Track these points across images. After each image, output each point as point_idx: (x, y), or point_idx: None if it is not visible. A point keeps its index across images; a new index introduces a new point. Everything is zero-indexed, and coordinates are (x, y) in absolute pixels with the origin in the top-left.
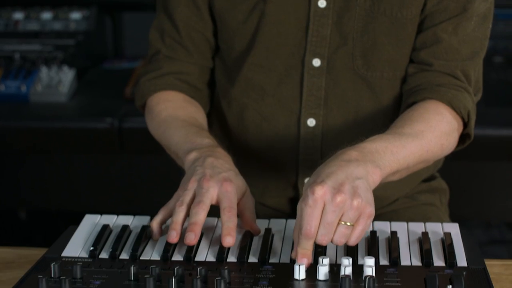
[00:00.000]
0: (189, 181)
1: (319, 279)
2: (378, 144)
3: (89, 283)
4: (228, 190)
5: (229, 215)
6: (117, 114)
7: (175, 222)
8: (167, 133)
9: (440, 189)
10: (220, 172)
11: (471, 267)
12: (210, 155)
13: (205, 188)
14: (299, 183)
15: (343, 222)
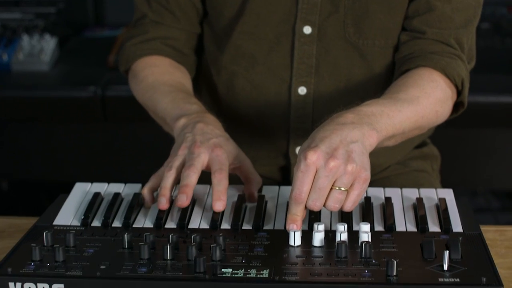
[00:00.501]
0: (179, 148)
1: (315, 245)
2: (374, 108)
3: (82, 251)
4: (218, 155)
5: (219, 178)
6: (100, 83)
7: (164, 188)
8: (154, 98)
9: (431, 156)
10: (210, 138)
11: (467, 232)
12: (200, 121)
13: (196, 153)
14: (290, 152)
15: (337, 188)
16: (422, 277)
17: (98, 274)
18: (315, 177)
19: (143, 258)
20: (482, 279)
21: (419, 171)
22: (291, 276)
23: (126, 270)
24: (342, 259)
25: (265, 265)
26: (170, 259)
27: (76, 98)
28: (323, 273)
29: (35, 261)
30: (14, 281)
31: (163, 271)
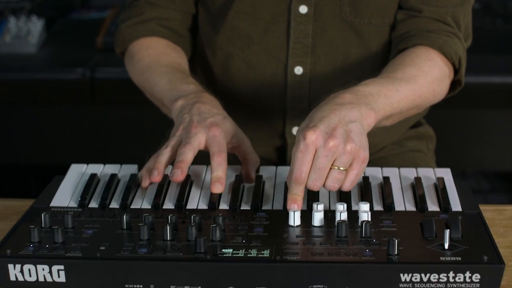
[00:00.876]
0: (177, 129)
1: (314, 225)
2: (371, 87)
3: (81, 232)
4: (215, 135)
5: (218, 161)
6: (89, 65)
7: (158, 162)
8: (151, 79)
9: (427, 136)
10: (207, 118)
11: (466, 211)
12: (197, 101)
13: (192, 133)
14: (286, 132)
15: (336, 167)
16: (423, 256)
17: (98, 255)
18: (315, 157)
19: (142, 239)
20: (483, 257)
21: (415, 151)
22: (292, 255)
23: (126, 251)
24: (342, 238)
25: (266, 245)
26: (169, 240)
27: (64, 80)
28: (324, 253)
29: (34, 243)
30: (13, 263)
31: (163, 251)
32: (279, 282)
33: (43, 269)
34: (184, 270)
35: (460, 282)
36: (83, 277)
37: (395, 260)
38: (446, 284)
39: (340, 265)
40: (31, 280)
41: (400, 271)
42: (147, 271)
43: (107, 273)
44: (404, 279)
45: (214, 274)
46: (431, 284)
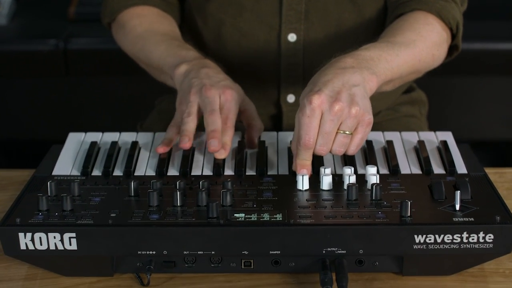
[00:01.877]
0: (190, 94)
1: (323, 189)
2: (372, 52)
3: (88, 200)
4: (228, 99)
5: (225, 128)
6: (61, 36)
7: (187, 130)
8: (146, 48)
9: (419, 101)
10: (218, 81)
11: (472, 174)
12: (203, 66)
13: (211, 97)
14: (281, 100)
15: (341, 131)
16: (435, 217)
17: (110, 222)
18: (321, 122)
19: (152, 206)
20: (496, 217)
21: (408, 116)
22: (306, 219)
23: (137, 218)
24: (353, 201)
25: (277, 209)
26: (180, 206)
27: (37, 51)
28: (337, 216)
29: (42, 211)
30: (24, 231)
31: (175, 217)
32: (293, 245)
33: (54, 237)
34: (197, 236)
35: (474, 242)
36: (94, 245)
37: (408, 221)
38: (459, 244)
39: (354, 228)
40: (42, 248)
41: (415, 233)
42: (160, 237)
43: (119, 240)
44: (418, 240)
45: (227, 238)
46: (445, 245)
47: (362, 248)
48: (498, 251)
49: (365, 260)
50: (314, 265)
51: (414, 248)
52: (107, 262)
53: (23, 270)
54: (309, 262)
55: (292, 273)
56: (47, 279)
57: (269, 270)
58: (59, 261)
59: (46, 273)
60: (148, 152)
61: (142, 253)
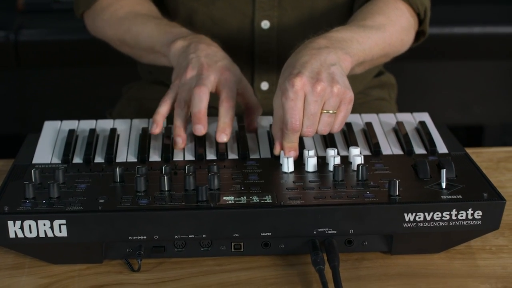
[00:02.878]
0: (186, 71)
1: (308, 170)
2: (344, 34)
3: (74, 187)
4: (228, 79)
5: (227, 107)
6: (11, 27)
7: (178, 127)
8: (132, 30)
9: (389, 84)
10: (217, 61)
11: (453, 153)
12: (200, 42)
13: (205, 75)
14: (255, 88)
15: (325, 111)
16: (423, 196)
17: (99, 207)
18: (305, 104)
19: (139, 191)
20: (483, 194)
21: (379, 100)
22: (295, 200)
23: (126, 203)
24: (339, 182)
25: (266, 191)
26: (167, 190)
27: None
28: (326, 196)
29: (29, 199)
30: (13, 219)
31: (164, 202)
32: (284, 227)
33: (44, 224)
34: (188, 219)
35: (462, 219)
36: (85, 231)
37: (397, 200)
38: (448, 222)
39: (344, 207)
40: (31, 236)
41: (404, 211)
42: (151, 222)
43: (110, 226)
44: (408, 219)
45: (218, 221)
46: (434, 223)
47: (353, 228)
48: (486, 227)
49: (354, 240)
50: (304, 246)
51: (403, 227)
52: (97, 249)
53: (9, 259)
54: (299, 244)
55: (282, 255)
56: (36, 267)
57: (259, 252)
58: (48, 249)
59: (34, 261)
60: (127, 139)
61: (133, 238)
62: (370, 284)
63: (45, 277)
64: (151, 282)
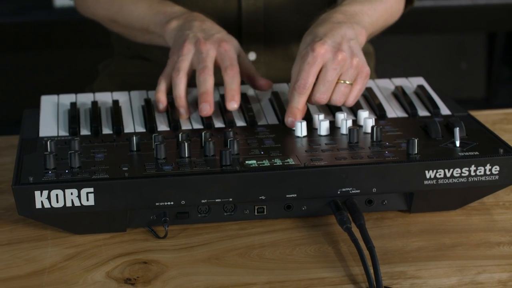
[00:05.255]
0: (183, 46)
1: (321, 134)
2: (355, 7)
3: (92, 157)
4: (226, 49)
5: (231, 74)
6: None
7: (179, 97)
8: (124, 10)
9: (368, 53)
10: (213, 34)
11: (456, 114)
12: (195, 19)
13: (205, 52)
14: None
15: (342, 81)
16: (441, 153)
17: (126, 175)
18: (323, 70)
19: (160, 158)
20: (499, 150)
21: None
22: (319, 161)
23: (151, 170)
24: (355, 144)
25: (286, 154)
26: (187, 157)
27: None
28: (348, 157)
29: (51, 170)
30: (40, 189)
31: (188, 167)
32: (309, 188)
33: (71, 193)
34: (214, 184)
35: (481, 175)
36: (112, 199)
37: (418, 159)
38: (467, 178)
39: (368, 166)
40: (58, 206)
41: (425, 168)
42: (178, 187)
43: (137, 193)
44: (429, 176)
45: (245, 185)
46: (454, 179)
47: (375, 186)
48: (502, 183)
49: (375, 199)
50: (325, 208)
51: (424, 184)
52: (122, 217)
53: (29, 231)
54: (320, 205)
55: (303, 217)
56: (59, 238)
57: (282, 215)
58: (73, 219)
59: (56, 232)
60: (130, 110)
61: (160, 204)
62: (394, 241)
63: (70, 247)
64: (179, 247)
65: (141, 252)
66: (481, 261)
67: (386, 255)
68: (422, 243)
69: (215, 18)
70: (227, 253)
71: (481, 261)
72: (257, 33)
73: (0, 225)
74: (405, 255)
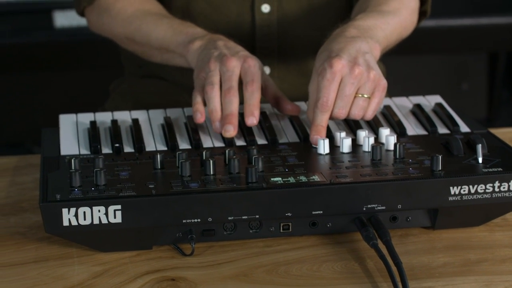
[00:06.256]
0: (209, 63)
1: (344, 151)
2: (368, 22)
3: (117, 175)
4: (250, 65)
5: (251, 90)
6: None
7: (215, 111)
8: (143, 29)
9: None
10: (238, 51)
11: (475, 131)
12: (219, 39)
13: (230, 70)
14: None
15: (360, 95)
16: (465, 170)
17: (153, 192)
18: (341, 85)
19: (185, 175)
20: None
21: None
22: (344, 178)
23: (178, 187)
24: (378, 161)
25: (310, 171)
26: (212, 174)
27: None
28: (372, 174)
29: (77, 187)
30: (67, 206)
31: (214, 185)
32: (335, 205)
33: (99, 211)
34: (241, 201)
35: (505, 191)
36: (139, 216)
37: (442, 175)
38: (491, 194)
39: (394, 183)
40: (85, 223)
41: (450, 184)
42: (205, 204)
43: (164, 210)
44: (453, 192)
45: (271, 201)
46: (478, 195)
47: (401, 203)
48: None
49: (399, 216)
50: (350, 225)
51: (449, 200)
52: (148, 235)
53: (55, 249)
54: (345, 222)
55: (328, 234)
56: (85, 256)
57: (307, 232)
58: (100, 236)
59: (81, 250)
60: (149, 128)
61: (187, 222)
62: (420, 257)
63: (97, 265)
64: (206, 264)
65: (169, 270)
66: (508, 276)
67: (412, 270)
68: (448, 258)
69: (229, 33)
70: (255, 270)
71: (508, 276)
72: (271, 48)
73: (25, 243)
74: (431, 271)
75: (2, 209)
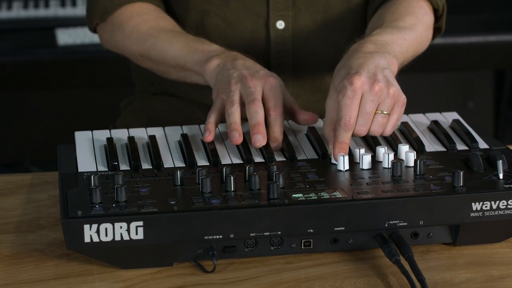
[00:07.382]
0: (230, 84)
1: (363, 168)
2: (385, 37)
3: (137, 191)
4: (273, 86)
5: (275, 116)
6: None
7: (234, 123)
8: (158, 46)
9: None
10: (258, 71)
11: (494, 148)
12: (236, 58)
13: (253, 87)
14: None
15: (379, 111)
16: (486, 186)
17: (175, 208)
18: (361, 103)
19: (205, 192)
20: None
21: None
22: (366, 194)
23: (199, 203)
24: (398, 177)
25: (332, 187)
26: (233, 191)
27: None
28: (394, 190)
29: (97, 204)
30: (89, 223)
31: (236, 201)
32: (357, 221)
33: (120, 227)
34: (263, 217)
35: None
36: (161, 233)
37: (463, 191)
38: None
39: (416, 199)
40: (107, 239)
41: (472, 200)
42: (227, 221)
43: (186, 226)
44: (475, 208)
45: (293, 218)
46: (500, 211)
47: (422, 219)
48: None
49: (420, 232)
50: (371, 241)
51: (471, 216)
52: (169, 251)
53: (75, 266)
54: (366, 239)
55: (349, 251)
56: (105, 273)
57: (328, 249)
58: (121, 253)
59: (101, 267)
60: (166, 145)
61: (209, 238)
62: (442, 273)
63: (118, 281)
64: (229, 281)
65: (190, 286)
66: None
67: (435, 287)
68: (470, 275)
69: (243, 49)
70: (277, 287)
71: None
72: (286, 64)
73: (45, 260)
74: (454, 287)
75: (19, 227)
